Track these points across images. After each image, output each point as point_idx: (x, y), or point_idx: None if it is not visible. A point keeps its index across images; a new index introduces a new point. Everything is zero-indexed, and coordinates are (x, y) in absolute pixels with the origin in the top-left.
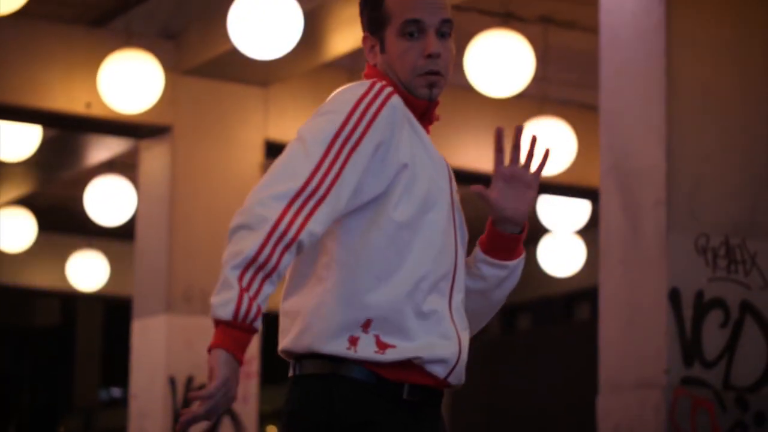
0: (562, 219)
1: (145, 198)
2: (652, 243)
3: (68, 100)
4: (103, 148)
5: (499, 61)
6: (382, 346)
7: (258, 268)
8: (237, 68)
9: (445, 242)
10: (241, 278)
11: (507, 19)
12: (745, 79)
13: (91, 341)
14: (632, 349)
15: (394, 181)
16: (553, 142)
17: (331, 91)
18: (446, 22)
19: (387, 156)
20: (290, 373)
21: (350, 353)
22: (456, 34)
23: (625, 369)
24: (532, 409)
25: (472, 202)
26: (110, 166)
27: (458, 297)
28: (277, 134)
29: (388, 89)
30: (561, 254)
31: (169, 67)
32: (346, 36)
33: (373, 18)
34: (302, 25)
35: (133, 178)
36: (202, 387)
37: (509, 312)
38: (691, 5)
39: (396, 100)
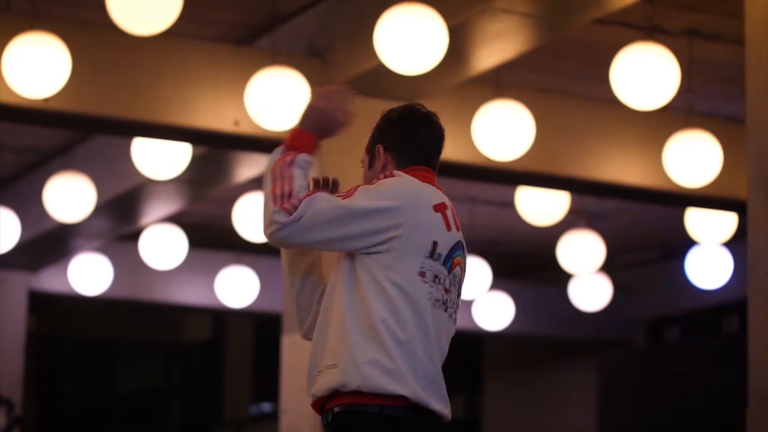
0: (709, 231)
1: None
2: None
3: (216, 118)
4: (252, 165)
5: (644, 74)
6: None
7: None
8: (382, 84)
9: None
10: None
11: (652, 32)
12: None
13: (242, 356)
14: None
15: None
16: (698, 154)
17: (477, 107)
18: None
19: None
20: None
21: None
22: (601, 48)
23: None
24: (681, 421)
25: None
26: (258, 183)
27: None
28: None
29: None
30: (708, 266)
31: (315, 84)
32: (492, 51)
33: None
34: (447, 39)
35: None
36: None
37: (657, 324)
38: None
39: None
